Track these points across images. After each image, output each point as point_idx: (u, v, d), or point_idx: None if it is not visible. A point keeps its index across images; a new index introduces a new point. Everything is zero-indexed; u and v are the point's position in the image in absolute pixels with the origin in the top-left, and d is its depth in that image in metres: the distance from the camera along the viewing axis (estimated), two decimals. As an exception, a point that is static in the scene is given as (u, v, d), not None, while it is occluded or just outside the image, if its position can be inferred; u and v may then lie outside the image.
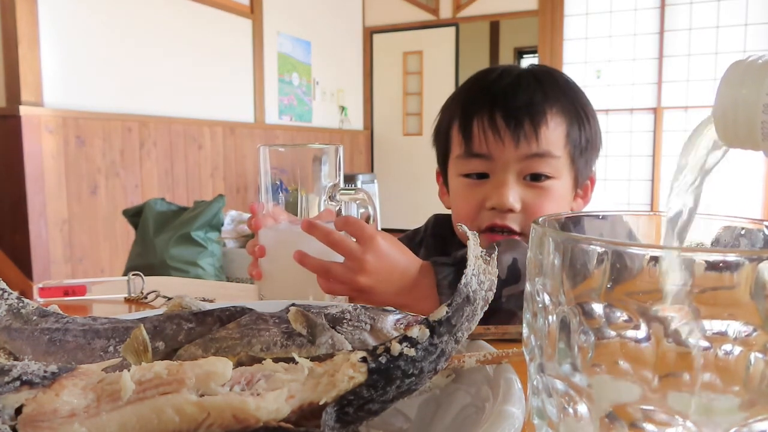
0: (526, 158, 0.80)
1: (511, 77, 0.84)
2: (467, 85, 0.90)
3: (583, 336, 0.25)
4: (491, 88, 0.84)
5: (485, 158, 0.82)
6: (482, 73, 0.89)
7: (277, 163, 0.69)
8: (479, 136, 0.81)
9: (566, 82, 0.86)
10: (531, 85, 0.83)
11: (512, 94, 0.82)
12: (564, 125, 0.82)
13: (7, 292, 0.41)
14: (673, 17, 4.68)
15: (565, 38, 4.98)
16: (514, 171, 0.81)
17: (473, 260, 0.33)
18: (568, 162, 0.83)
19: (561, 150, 0.82)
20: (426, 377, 0.29)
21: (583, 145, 0.84)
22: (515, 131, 0.79)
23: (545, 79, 0.85)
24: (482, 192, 0.82)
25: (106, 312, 0.78)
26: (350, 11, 5.63)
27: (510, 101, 0.81)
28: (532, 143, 0.80)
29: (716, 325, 0.23)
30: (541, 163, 0.80)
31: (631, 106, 4.86)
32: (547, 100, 0.82)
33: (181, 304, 0.43)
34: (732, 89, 0.28)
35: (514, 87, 0.83)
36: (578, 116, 0.84)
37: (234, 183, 4.20)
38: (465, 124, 0.83)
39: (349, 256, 0.65)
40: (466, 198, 0.84)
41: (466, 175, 0.84)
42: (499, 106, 0.81)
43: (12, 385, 0.27)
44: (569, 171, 0.84)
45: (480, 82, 0.87)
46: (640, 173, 4.90)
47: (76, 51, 3.12)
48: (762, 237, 0.29)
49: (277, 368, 0.29)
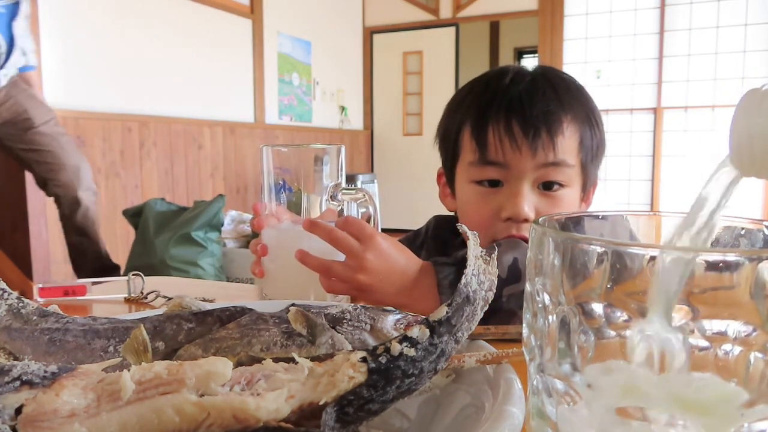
0: (542, 167, 0.79)
1: (525, 82, 0.82)
2: (478, 89, 0.87)
3: (583, 336, 0.25)
4: (506, 94, 0.82)
5: (500, 166, 0.80)
6: (493, 77, 0.86)
7: (280, 163, 0.70)
8: (495, 144, 0.80)
9: (577, 87, 0.85)
10: (546, 92, 0.81)
11: (529, 101, 0.80)
12: (578, 133, 0.81)
13: (7, 292, 0.41)
14: (673, 17, 4.68)
15: (565, 38, 4.98)
16: (529, 180, 0.79)
17: (473, 260, 0.33)
18: (579, 170, 0.82)
19: (575, 158, 0.81)
20: (426, 377, 0.29)
21: (594, 152, 0.84)
22: (533, 140, 0.78)
23: (559, 85, 0.83)
24: (496, 201, 0.80)
25: (106, 312, 0.78)
26: (350, 11, 5.63)
27: (527, 108, 0.79)
28: (549, 152, 0.78)
29: (716, 325, 0.23)
30: (555, 172, 0.79)
31: (631, 106, 4.86)
32: (563, 108, 0.80)
33: (181, 304, 0.43)
34: (748, 118, 0.28)
35: (530, 93, 0.81)
36: (590, 123, 0.83)
37: (234, 183, 4.20)
38: (479, 130, 0.81)
39: (350, 254, 0.66)
40: (478, 206, 0.82)
41: (478, 182, 0.83)
42: (515, 113, 0.79)
43: (12, 385, 0.27)
44: (579, 178, 0.83)
45: (492, 86, 0.84)
46: (640, 173, 4.90)
47: (76, 51, 3.12)
48: (762, 237, 0.29)
49: (277, 368, 0.29)
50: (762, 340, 0.22)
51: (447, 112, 0.91)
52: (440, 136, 0.91)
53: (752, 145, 0.28)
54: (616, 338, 0.24)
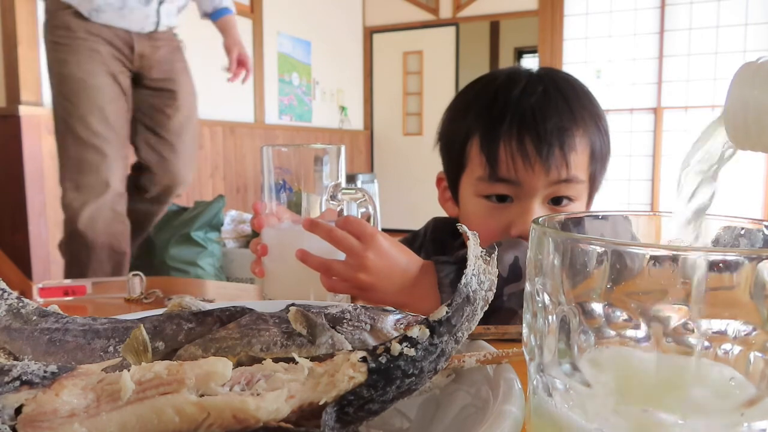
0: (554, 184, 0.78)
1: (537, 94, 0.80)
2: (485, 97, 0.83)
3: (583, 336, 0.25)
4: (518, 107, 0.79)
5: (511, 183, 0.79)
6: (502, 86, 0.83)
7: (280, 163, 0.70)
8: (507, 162, 0.78)
9: (585, 93, 0.84)
10: (559, 104, 0.79)
11: (542, 116, 0.78)
12: (589, 147, 0.80)
13: (7, 292, 0.41)
14: (673, 17, 4.68)
15: (565, 38, 4.98)
16: (540, 197, 0.79)
17: (473, 260, 0.33)
18: (587, 183, 0.82)
19: (585, 173, 0.81)
20: (426, 377, 0.29)
21: (602, 161, 0.83)
22: (547, 159, 0.77)
23: (570, 95, 0.81)
24: (506, 217, 0.79)
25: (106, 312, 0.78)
26: (350, 11, 5.63)
27: (540, 124, 0.77)
28: (562, 170, 0.77)
29: (716, 324, 0.23)
30: (566, 188, 0.79)
31: (631, 106, 4.86)
32: (575, 122, 0.79)
33: (181, 304, 0.43)
34: (743, 90, 0.28)
35: (542, 107, 0.79)
36: (599, 132, 0.82)
37: (234, 183, 4.20)
38: (489, 146, 0.79)
39: (351, 253, 0.66)
40: (486, 221, 0.81)
41: (485, 196, 0.81)
42: (528, 130, 0.77)
43: (12, 385, 0.27)
44: (587, 190, 0.83)
45: (502, 97, 0.81)
46: (640, 173, 4.89)
47: (76, 51, 3.11)
48: (762, 237, 0.29)
49: (277, 368, 0.29)
50: (762, 339, 0.22)
51: (450, 117, 0.88)
52: (443, 142, 0.89)
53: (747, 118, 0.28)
54: (616, 338, 0.24)
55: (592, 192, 0.85)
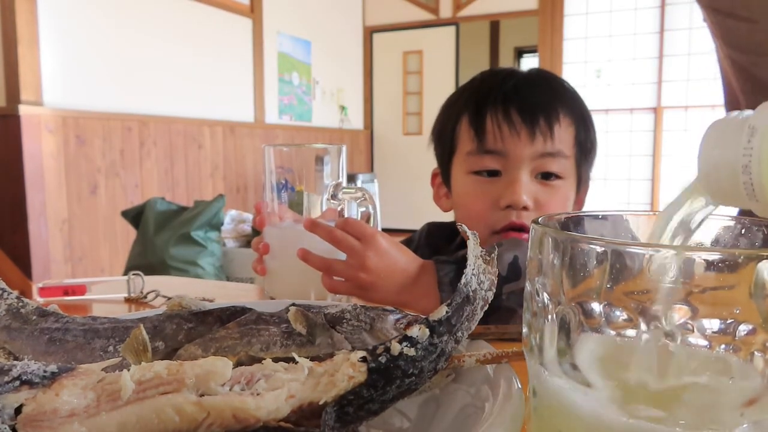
0: (540, 156, 0.80)
1: (520, 77, 0.85)
2: (473, 84, 0.89)
3: (583, 336, 0.25)
4: (503, 86, 0.84)
5: (499, 155, 0.81)
6: (488, 74, 0.89)
7: (282, 163, 0.70)
8: (494, 132, 0.81)
9: (570, 89, 0.88)
10: (542, 85, 0.85)
11: (525, 91, 0.83)
12: (573, 126, 0.83)
13: (6, 292, 0.41)
14: (673, 16, 4.68)
15: (565, 38, 4.98)
16: (528, 169, 0.81)
17: (473, 260, 0.33)
18: (573, 163, 0.84)
19: (570, 150, 0.83)
20: (426, 377, 0.29)
21: (586, 150, 0.86)
22: (531, 127, 0.80)
23: (553, 80, 0.86)
24: (495, 190, 0.81)
25: (106, 312, 0.78)
26: (350, 11, 5.63)
27: (524, 97, 0.82)
28: (547, 141, 0.80)
29: (716, 324, 0.23)
30: (553, 162, 0.81)
31: (631, 106, 4.85)
32: (558, 101, 0.83)
33: (181, 303, 0.43)
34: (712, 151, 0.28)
35: (526, 85, 0.84)
36: (584, 123, 0.85)
37: (234, 183, 4.20)
38: (477, 119, 0.83)
39: (351, 253, 0.66)
40: (477, 196, 0.83)
41: (476, 173, 0.84)
42: (513, 102, 0.81)
43: (12, 384, 0.27)
44: (574, 172, 0.85)
45: (488, 81, 0.87)
46: (640, 173, 4.89)
47: (75, 50, 3.12)
48: (762, 237, 0.29)
49: (277, 368, 0.29)
50: (762, 339, 0.22)
51: (442, 112, 0.92)
52: (436, 134, 0.92)
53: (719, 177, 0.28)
54: (616, 338, 0.24)
55: (580, 183, 0.87)
